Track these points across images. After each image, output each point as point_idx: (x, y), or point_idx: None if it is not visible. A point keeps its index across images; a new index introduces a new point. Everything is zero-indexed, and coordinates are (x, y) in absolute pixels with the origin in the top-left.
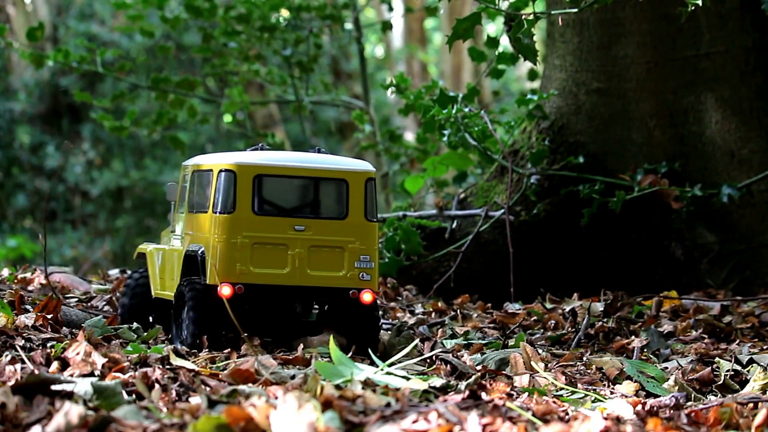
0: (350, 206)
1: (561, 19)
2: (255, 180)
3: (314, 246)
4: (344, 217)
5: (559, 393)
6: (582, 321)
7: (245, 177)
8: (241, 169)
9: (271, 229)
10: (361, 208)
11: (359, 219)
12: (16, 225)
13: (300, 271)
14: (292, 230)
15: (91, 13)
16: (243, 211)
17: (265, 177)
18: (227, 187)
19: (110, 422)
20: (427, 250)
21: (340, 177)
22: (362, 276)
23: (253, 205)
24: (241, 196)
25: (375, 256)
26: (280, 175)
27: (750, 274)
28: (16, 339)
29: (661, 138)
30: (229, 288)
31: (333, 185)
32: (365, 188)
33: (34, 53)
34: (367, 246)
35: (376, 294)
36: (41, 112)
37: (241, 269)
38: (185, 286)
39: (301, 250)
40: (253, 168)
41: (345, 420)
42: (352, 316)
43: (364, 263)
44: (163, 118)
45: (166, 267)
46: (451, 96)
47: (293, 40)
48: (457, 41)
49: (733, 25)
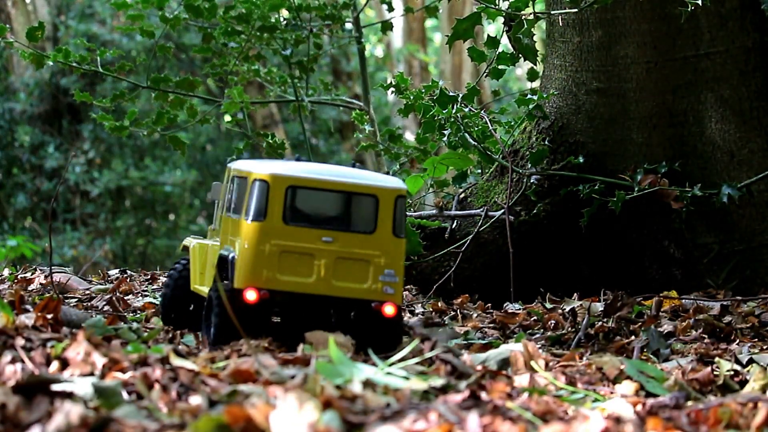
0: (379, 221)
1: (561, 19)
2: (288, 191)
3: (340, 257)
4: (372, 231)
5: (559, 393)
6: (582, 321)
7: (278, 187)
8: (274, 179)
9: (300, 239)
10: (389, 223)
11: (387, 234)
12: (16, 225)
13: (325, 281)
14: (319, 241)
15: (91, 13)
16: (274, 219)
17: (298, 188)
18: (260, 195)
19: (110, 422)
20: (427, 250)
21: (371, 193)
22: (386, 290)
23: (284, 215)
24: (273, 206)
25: (400, 271)
26: (312, 188)
27: (750, 274)
28: (16, 339)
29: (661, 138)
30: (254, 293)
31: (364, 200)
32: (395, 205)
33: (34, 53)
34: (393, 261)
35: (399, 308)
36: (41, 112)
37: (268, 275)
38: (214, 290)
39: (328, 260)
40: (287, 179)
41: (345, 420)
42: (373, 328)
43: (388, 277)
44: (163, 118)
45: (206, 264)
46: (451, 96)
47: (293, 40)
48: (457, 41)
49: (733, 25)
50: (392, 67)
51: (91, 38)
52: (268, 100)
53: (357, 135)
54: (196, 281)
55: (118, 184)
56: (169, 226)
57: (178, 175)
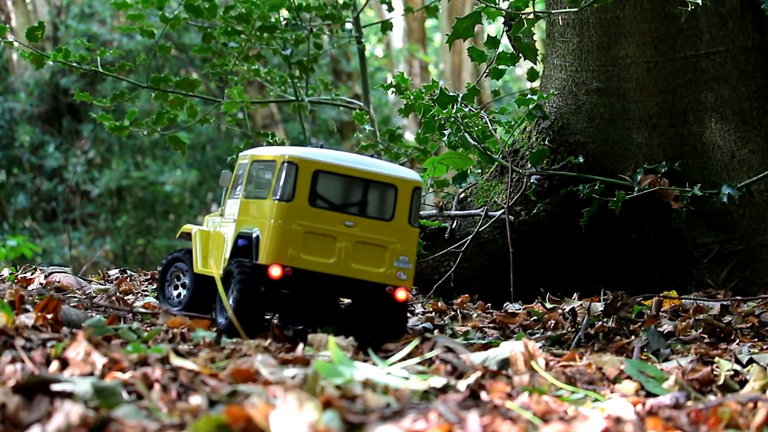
0: (396, 210)
1: (561, 19)
2: (315, 174)
3: (360, 242)
4: (390, 219)
5: (559, 393)
6: (582, 321)
7: (306, 170)
8: (303, 162)
9: (324, 221)
10: (406, 212)
11: (403, 222)
12: (16, 225)
13: (344, 263)
14: (341, 225)
15: (91, 13)
16: (300, 201)
17: (324, 173)
18: (288, 177)
19: (110, 422)
20: (427, 250)
21: (391, 182)
22: (399, 275)
23: (310, 197)
24: (300, 187)
25: (413, 259)
26: (337, 173)
27: (750, 274)
28: (16, 339)
29: (661, 138)
30: (279, 269)
31: (383, 189)
32: (412, 195)
33: (34, 53)
34: (407, 248)
35: (409, 293)
36: (41, 112)
37: (292, 254)
38: (235, 266)
39: (348, 244)
40: (314, 163)
41: (345, 420)
42: (383, 311)
43: (402, 263)
44: (163, 118)
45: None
46: (451, 96)
47: (293, 40)
48: (457, 41)
49: (733, 25)
50: (392, 68)
51: (91, 38)
52: (268, 100)
53: (357, 135)
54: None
55: (119, 184)
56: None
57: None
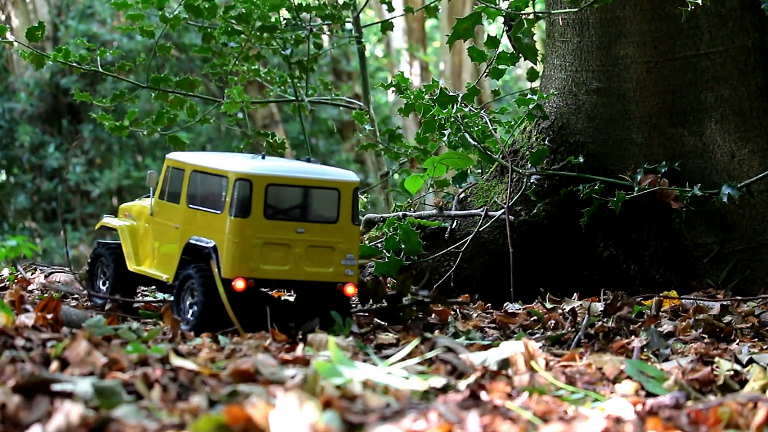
0: (340, 212)
1: (561, 19)
2: (267, 188)
3: (311, 246)
4: (336, 221)
5: (559, 393)
6: (582, 321)
7: (259, 186)
8: (256, 179)
9: (278, 231)
10: (349, 213)
11: (347, 222)
12: (16, 225)
13: (299, 268)
14: (294, 232)
15: (91, 13)
16: (256, 215)
17: (274, 186)
18: (243, 194)
19: (110, 422)
20: (427, 250)
21: (333, 186)
22: (347, 272)
23: (265, 211)
24: (256, 203)
25: (357, 255)
26: (286, 185)
27: (750, 274)
28: (16, 339)
29: (661, 138)
30: (242, 282)
31: (327, 193)
32: (352, 196)
33: (34, 53)
34: (352, 246)
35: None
36: (41, 112)
37: (252, 266)
38: (196, 273)
39: (301, 249)
40: (266, 178)
41: (345, 420)
42: (331, 304)
43: (349, 261)
44: (163, 118)
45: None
46: (451, 96)
47: (293, 40)
48: (457, 41)
49: (733, 25)
50: (392, 68)
51: (91, 38)
52: (268, 100)
53: (357, 135)
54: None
55: (119, 184)
56: None
57: None
